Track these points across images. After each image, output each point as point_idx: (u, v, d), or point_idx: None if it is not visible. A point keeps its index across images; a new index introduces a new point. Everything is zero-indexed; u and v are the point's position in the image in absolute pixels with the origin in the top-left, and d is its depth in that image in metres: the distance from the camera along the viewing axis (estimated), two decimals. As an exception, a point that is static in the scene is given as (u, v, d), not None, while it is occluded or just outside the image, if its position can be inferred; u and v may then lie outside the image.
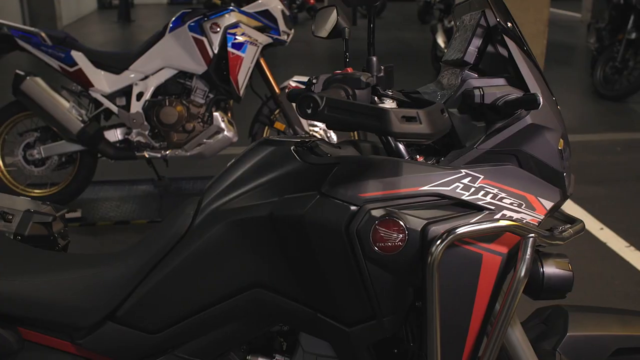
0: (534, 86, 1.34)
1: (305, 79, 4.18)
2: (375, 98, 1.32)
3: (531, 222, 1.30)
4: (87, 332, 1.42)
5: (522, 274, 1.26)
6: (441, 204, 1.28)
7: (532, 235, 1.26)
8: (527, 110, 1.29)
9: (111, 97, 4.06)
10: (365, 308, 1.30)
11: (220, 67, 4.01)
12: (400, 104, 1.45)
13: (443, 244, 1.21)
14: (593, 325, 1.50)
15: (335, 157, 1.35)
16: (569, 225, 1.43)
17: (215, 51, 3.96)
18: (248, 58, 4.01)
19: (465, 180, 1.28)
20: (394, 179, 1.28)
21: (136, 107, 4.03)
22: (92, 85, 4.03)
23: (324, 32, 1.49)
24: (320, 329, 1.34)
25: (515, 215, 1.29)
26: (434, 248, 1.21)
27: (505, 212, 1.28)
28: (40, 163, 4.11)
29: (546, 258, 1.36)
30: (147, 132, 4.06)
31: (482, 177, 1.29)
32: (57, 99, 3.97)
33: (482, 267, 1.27)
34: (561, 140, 1.37)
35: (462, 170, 1.29)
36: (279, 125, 4.25)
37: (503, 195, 1.29)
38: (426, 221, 1.25)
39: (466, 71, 1.39)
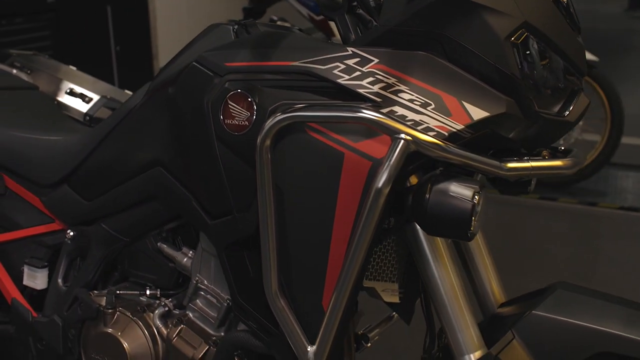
0: None
1: None
2: None
3: (437, 128, 0.96)
4: (49, 192, 1.48)
5: (380, 183, 0.94)
6: (317, 87, 1.02)
7: (403, 136, 0.93)
8: None
9: (351, 46, 4.14)
10: (226, 199, 1.11)
11: None
12: None
13: (274, 121, 0.97)
14: (574, 311, 1.06)
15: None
16: (539, 158, 1.03)
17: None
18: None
19: (351, 62, 1.00)
20: (268, 50, 1.06)
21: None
22: (334, 35, 4.13)
23: None
24: (194, 218, 1.19)
25: (411, 116, 0.96)
26: (265, 124, 0.98)
27: (396, 108, 0.97)
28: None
29: (442, 180, 0.98)
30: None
31: (376, 60, 0.99)
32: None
33: (344, 170, 0.98)
34: (522, 32, 0.98)
35: (348, 49, 1.01)
36: None
37: (402, 88, 0.98)
38: (282, 102, 1.01)
39: None
